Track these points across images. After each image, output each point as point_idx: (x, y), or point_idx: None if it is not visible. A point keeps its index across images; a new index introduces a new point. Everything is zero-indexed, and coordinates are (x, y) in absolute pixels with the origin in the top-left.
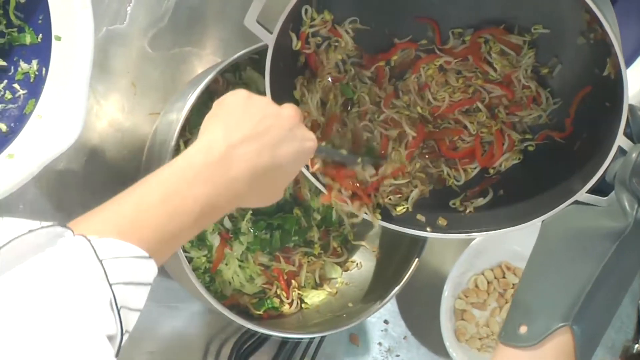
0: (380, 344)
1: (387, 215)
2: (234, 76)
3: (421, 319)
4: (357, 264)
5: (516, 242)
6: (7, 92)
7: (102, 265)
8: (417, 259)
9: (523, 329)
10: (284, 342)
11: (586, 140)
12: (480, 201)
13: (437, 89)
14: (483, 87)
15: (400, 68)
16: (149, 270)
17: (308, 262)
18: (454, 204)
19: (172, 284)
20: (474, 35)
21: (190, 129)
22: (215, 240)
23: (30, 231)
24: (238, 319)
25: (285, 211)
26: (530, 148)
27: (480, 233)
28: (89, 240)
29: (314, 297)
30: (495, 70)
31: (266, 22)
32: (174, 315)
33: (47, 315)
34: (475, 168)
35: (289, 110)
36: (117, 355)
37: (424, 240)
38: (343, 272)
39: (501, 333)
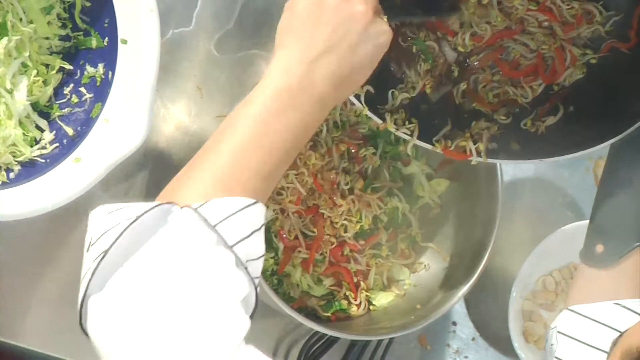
0: (448, 345)
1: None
2: None
3: (489, 320)
4: (425, 265)
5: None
6: (74, 95)
7: (216, 231)
8: (485, 260)
9: (600, 249)
10: (352, 344)
11: None
12: (552, 119)
13: (478, 22)
14: (524, 16)
15: None
16: (259, 214)
17: (376, 264)
18: (525, 124)
19: None
20: None
21: None
22: (281, 243)
23: (137, 217)
24: (306, 321)
25: None
26: (593, 61)
27: (553, 158)
28: (196, 210)
29: (382, 299)
30: None
31: None
32: None
33: (178, 296)
34: (540, 84)
35: (359, 6)
36: (256, 305)
37: (491, 241)
38: (411, 274)
39: (581, 253)
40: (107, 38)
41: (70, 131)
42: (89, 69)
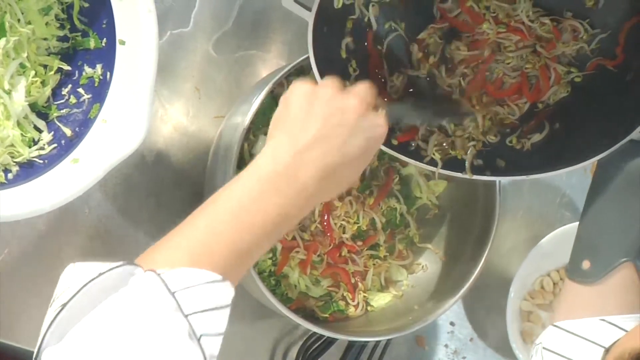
0: (446, 345)
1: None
2: (298, 79)
3: (487, 320)
4: (422, 266)
5: None
6: (72, 96)
7: (174, 298)
8: (483, 261)
9: (586, 265)
10: (350, 345)
11: (638, 72)
12: (537, 137)
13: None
14: (499, 40)
15: None
16: (225, 292)
17: (374, 264)
18: (510, 141)
19: (238, 288)
20: None
21: (255, 132)
22: (278, 244)
23: (100, 274)
24: (304, 322)
25: None
26: (577, 79)
27: (539, 175)
28: (159, 275)
29: (380, 300)
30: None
31: (304, 0)
32: (239, 318)
33: (126, 354)
34: (525, 103)
35: (353, 100)
36: None
37: (489, 241)
38: (409, 275)
39: (567, 268)
40: (105, 39)
41: (68, 132)
42: (87, 70)
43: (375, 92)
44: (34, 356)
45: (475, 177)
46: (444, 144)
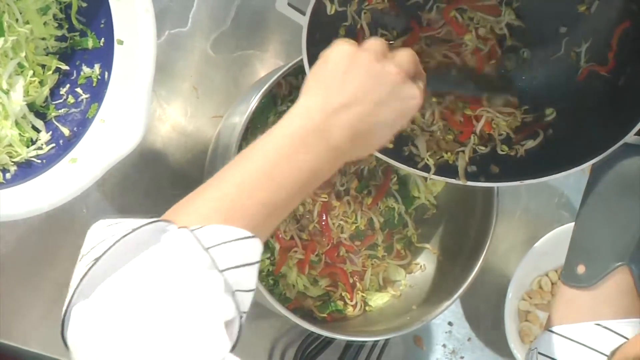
0: (444, 345)
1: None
2: (296, 79)
3: (485, 320)
4: (420, 266)
5: None
6: (70, 96)
7: (209, 254)
8: (481, 261)
9: (581, 269)
10: (348, 344)
11: (631, 76)
12: (531, 143)
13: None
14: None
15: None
16: (255, 249)
17: (372, 264)
18: (502, 150)
19: None
20: (446, 9)
21: (253, 132)
22: (276, 243)
23: (133, 230)
24: (302, 322)
25: None
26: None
27: (534, 180)
28: (192, 232)
29: (378, 300)
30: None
31: (298, 4)
32: None
33: (162, 310)
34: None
35: (392, 68)
36: (239, 335)
37: (487, 241)
38: (407, 275)
39: (561, 273)
40: (103, 38)
41: (66, 132)
42: (85, 70)
43: (417, 61)
44: (62, 313)
45: (469, 183)
46: (432, 146)
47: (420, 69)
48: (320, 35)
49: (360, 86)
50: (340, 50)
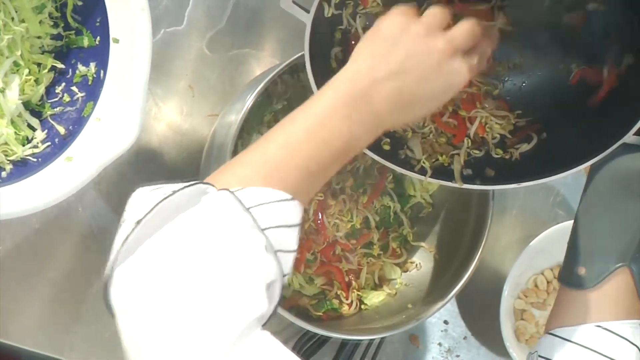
0: (440, 344)
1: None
2: (292, 78)
3: (481, 319)
4: (416, 264)
5: None
6: (66, 94)
7: (250, 214)
8: (476, 259)
9: (581, 271)
10: (343, 343)
11: (626, 77)
12: (525, 147)
13: None
14: None
15: None
16: (295, 211)
17: (367, 263)
18: (497, 153)
19: None
20: None
21: (248, 131)
22: None
23: (174, 192)
24: (298, 320)
25: None
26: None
27: (531, 182)
28: (232, 193)
29: (374, 298)
30: None
31: (302, 2)
32: None
33: (204, 269)
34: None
35: (442, 44)
36: (280, 297)
37: (483, 239)
38: (402, 273)
39: (561, 275)
40: (98, 37)
41: (62, 130)
42: (81, 68)
43: (476, 34)
44: (105, 277)
45: (465, 186)
46: (427, 148)
47: (482, 41)
48: (319, 37)
49: (407, 58)
50: (393, 20)
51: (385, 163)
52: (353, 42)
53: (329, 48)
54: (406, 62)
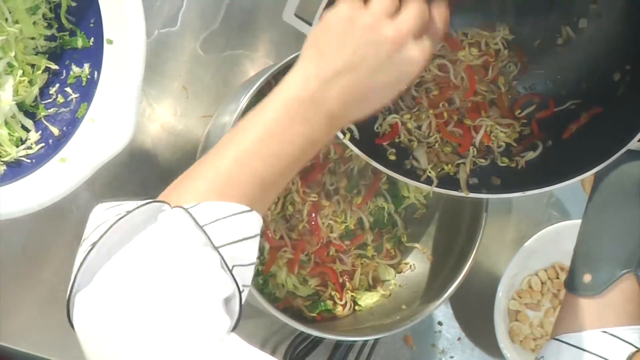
0: (434, 345)
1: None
2: None
3: (475, 320)
4: (410, 266)
5: (570, 243)
6: (60, 95)
7: (204, 231)
8: (470, 260)
9: (587, 278)
10: (337, 344)
11: (629, 85)
12: (531, 155)
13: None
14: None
15: None
16: (254, 222)
17: (361, 264)
18: (502, 162)
19: None
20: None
21: None
22: (266, 243)
23: (128, 212)
24: (291, 321)
25: None
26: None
27: (536, 191)
28: (187, 210)
29: (368, 299)
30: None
31: (305, 15)
32: None
33: (158, 292)
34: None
35: (392, 32)
36: (240, 311)
37: (477, 241)
38: (396, 274)
39: (567, 282)
40: (92, 38)
41: (56, 131)
42: (75, 69)
43: (425, 15)
44: (67, 300)
45: (472, 195)
46: (432, 158)
47: (432, 22)
48: None
49: (357, 51)
50: (338, 12)
51: (391, 174)
52: None
53: None
54: (354, 57)
